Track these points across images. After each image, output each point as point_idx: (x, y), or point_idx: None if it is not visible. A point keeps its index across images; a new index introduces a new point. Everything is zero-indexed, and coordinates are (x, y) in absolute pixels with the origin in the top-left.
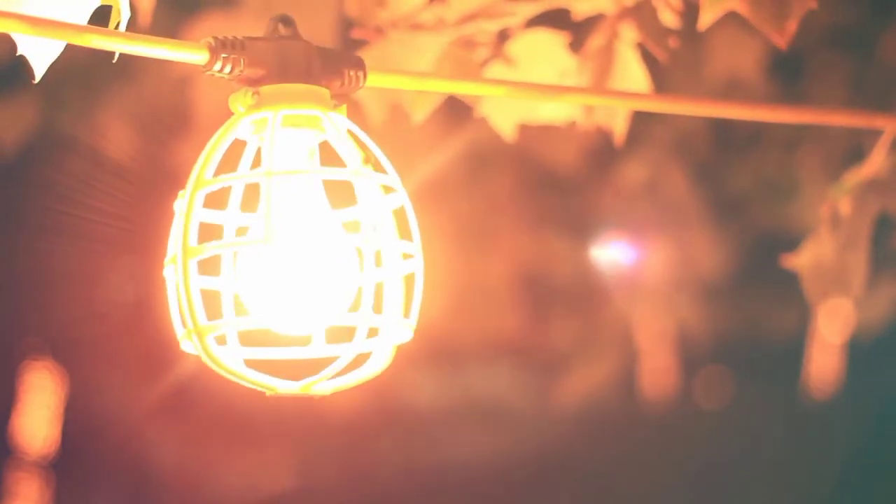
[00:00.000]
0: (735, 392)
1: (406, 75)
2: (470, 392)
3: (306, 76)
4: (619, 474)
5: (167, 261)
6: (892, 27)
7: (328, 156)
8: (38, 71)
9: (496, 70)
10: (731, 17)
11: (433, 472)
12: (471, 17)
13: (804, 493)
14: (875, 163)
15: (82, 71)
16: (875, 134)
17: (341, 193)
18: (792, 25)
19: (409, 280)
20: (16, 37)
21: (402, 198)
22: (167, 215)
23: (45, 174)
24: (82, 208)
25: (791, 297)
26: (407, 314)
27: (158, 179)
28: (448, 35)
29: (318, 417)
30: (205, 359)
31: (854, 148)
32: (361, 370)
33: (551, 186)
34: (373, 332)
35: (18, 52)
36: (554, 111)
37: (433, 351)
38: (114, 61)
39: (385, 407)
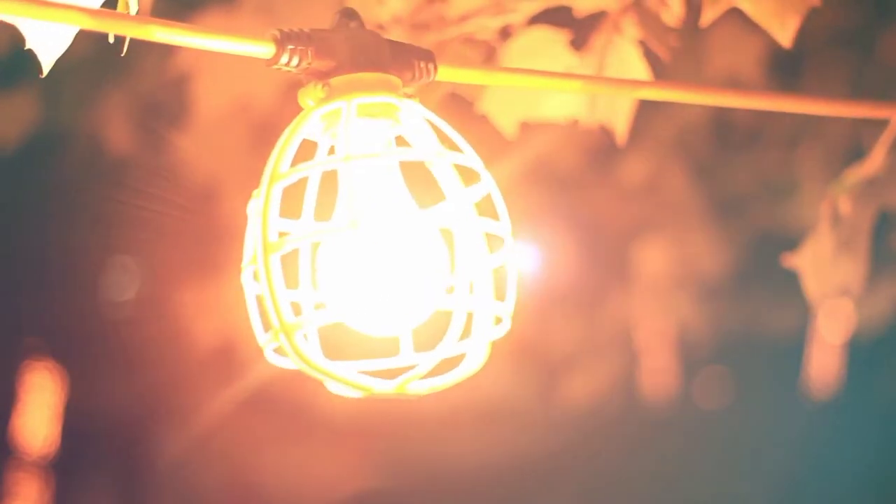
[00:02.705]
0: (735, 392)
1: (476, 69)
2: (471, 392)
3: (378, 65)
4: (620, 474)
5: (245, 265)
6: (893, 27)
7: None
8: (46, 64)
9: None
10: (732, 17)
11: (435, 472)
12: (472, 15)
13: (804, 492)
14: (875, 160)
15: (83, 68)
16: (875, 132)
17: (422, 190)
18: (795, 23)
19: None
20: (24, 30)
21: (488, 184)
22: (167, 214)
23: (45, 172)
24: (83, 207)
25: (791, 296)
26: (502, 299)
27: (159, 177)
28: (449, 32)
29: (317, 418)
30: (294, 359)
31: (854, 147)
32: (458, 369)
33: (552, 185)
34: (465, 334)
35: (27, 47)
36: (556, 108)
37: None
38: (122, 54)
39: (386, 407)
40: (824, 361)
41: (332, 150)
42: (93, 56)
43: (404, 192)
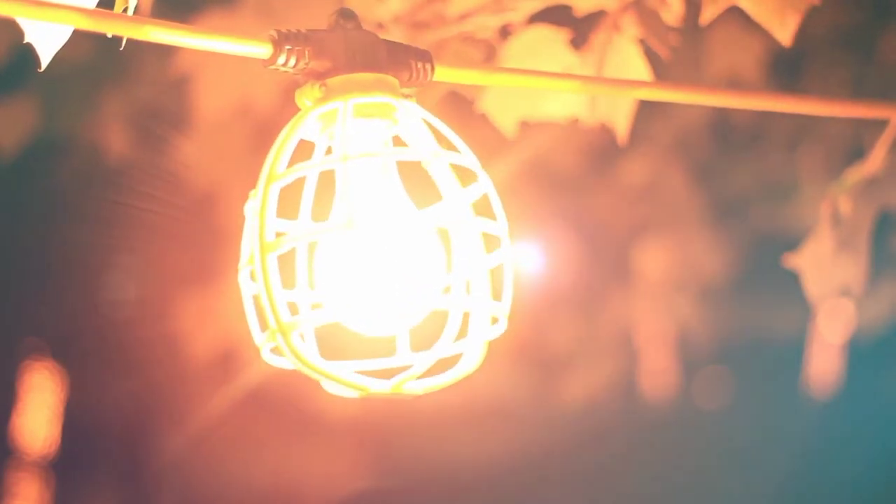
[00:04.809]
0: (735, 392)
1: (473, 69)
2: (471, 392)
3: (375, 65)
4: (620, 474)
5: (242, 265)
6: (893, 27)
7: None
8: (45, 59)
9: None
10: (733, 16)
11: (434, 472)
12: (472, 14)
13: (804, 492)
14: (875, 161)
15: (82, 72)
16: (875, 132)
17: (418, 190)
18: (795, 21)
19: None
20: (23, 24)
21: (485, 184)
22: (166, 216)
23: (45, 175)
24: (82, 209)
25: (791, 297)
26: (498, 299)
27: (157, 180)
28: (449, 31)
29: (317, 419)
30: (291, 358)
31: (854, 147)
32: (454, 369)
33: (552, 185)
34: (462, 334)
35: (25, 40)
36: (556, 108)
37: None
38: (121, 48)
39: (387, 407)
40: (824, 362)
41: (329, 151)
42: (92, 60)
43: (401, 192)
